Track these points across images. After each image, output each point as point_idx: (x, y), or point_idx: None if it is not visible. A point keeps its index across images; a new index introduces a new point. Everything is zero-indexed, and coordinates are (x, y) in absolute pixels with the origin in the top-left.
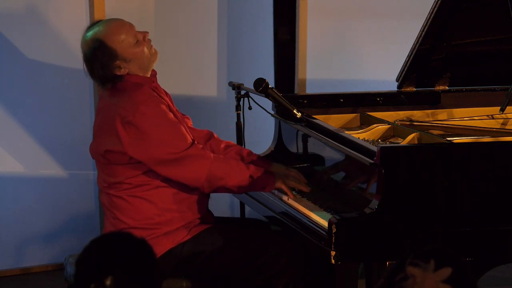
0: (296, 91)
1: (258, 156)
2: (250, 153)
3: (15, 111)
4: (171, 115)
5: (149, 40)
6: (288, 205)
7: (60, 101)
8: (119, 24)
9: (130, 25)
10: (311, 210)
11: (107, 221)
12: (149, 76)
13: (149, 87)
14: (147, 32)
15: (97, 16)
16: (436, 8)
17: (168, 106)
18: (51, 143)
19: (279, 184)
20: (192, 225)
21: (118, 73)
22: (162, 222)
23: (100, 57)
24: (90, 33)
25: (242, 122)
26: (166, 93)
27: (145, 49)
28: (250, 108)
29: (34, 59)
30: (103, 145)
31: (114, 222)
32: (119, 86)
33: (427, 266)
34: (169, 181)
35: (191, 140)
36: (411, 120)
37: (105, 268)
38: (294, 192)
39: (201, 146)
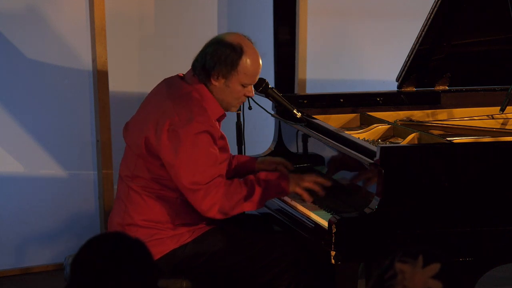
0: (296, 91)
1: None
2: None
3: (15, 111)
4: (215, 148)
5: (244, 99)
6: (288, 205)
7: (60, 101)
8: (258, 65)
9: (257, 77)
10: (311, 210)
11: (115, 211)
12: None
13: (212, 114)
14: (252, 95)
15: (97, 16)
16: (436, 8)
17: (215, 140)
18: (51, 143)
19: (294, 188)
20: (196, 227)
21: (210, 79)
22: (170, 227)
23: (225, 57)
24: (242, 39)
25: (242, 122)
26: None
27: (236, 96)
28: (250, 108)
29: (34, 59)
30: (144, 132)
31: (122, 215)
32: (193, 90)
33: (416, 263)
34: None
35: (216, 175)
36: (411, 120)
37: (101, 269)
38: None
39: (221, 180)
